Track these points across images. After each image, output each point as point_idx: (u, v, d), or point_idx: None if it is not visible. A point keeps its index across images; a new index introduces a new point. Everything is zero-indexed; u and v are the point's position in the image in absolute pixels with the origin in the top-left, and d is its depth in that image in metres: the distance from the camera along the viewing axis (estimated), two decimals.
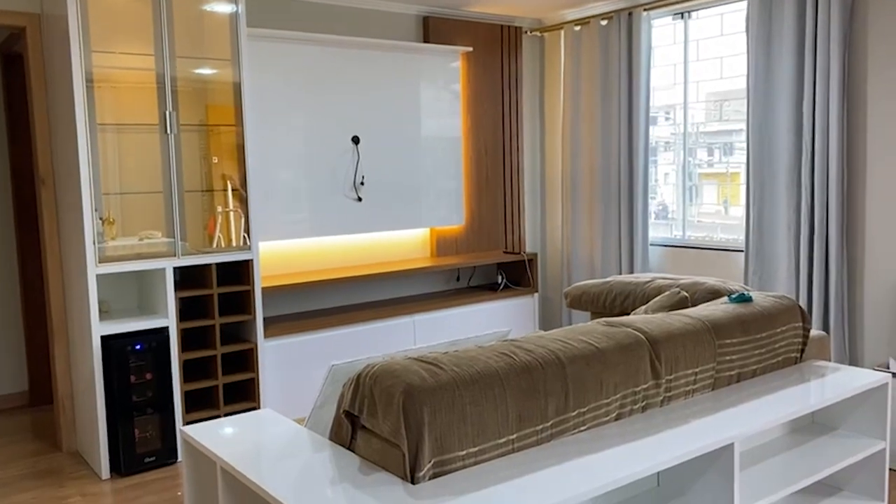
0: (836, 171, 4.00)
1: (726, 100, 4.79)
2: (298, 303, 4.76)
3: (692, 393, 2.50)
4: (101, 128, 3.58)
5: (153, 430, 3.69)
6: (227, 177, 3.97)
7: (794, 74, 4.18)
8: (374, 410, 1.93)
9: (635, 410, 2.33)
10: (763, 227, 4.37)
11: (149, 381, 3.67)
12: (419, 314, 4.84)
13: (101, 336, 3.58)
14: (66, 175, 3.69)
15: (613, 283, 3.61)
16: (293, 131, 4.55)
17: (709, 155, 4.92)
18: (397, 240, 5.21)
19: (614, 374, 2.24)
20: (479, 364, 2.02)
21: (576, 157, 5.47)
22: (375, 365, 2.00)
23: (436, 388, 1.89)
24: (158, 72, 3.67)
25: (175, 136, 3.73)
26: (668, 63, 5.08)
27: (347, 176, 4.80)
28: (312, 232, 4.67)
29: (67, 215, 3.75)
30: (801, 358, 2.92)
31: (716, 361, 2.55)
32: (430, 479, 1.86)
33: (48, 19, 3.72)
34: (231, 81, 3.92)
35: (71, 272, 3.80)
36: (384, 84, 4.91)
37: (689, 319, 2.57)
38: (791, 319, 2.83)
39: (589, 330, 2.38)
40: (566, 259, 5.60)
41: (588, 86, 5.34)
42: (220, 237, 3.94)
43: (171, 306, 3.74)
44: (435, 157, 5.21)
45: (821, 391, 2.56)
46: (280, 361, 4.27)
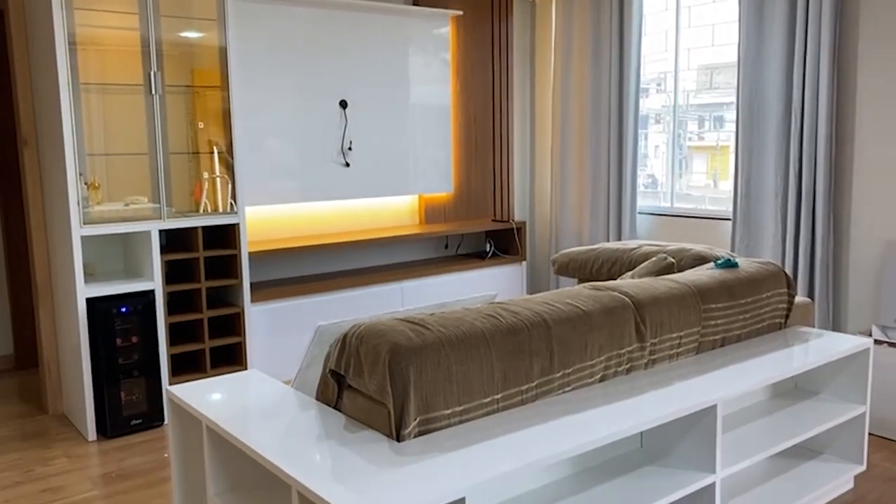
0: (825, 139, 4.00)
1: (717, 69, 4.77)
2: (286, 269, 4.74)
3: (676, 356, 2.52)
4: (85, 87, 3.52)
5: (139, 392, 3.69)
6: (213, 142, 3.93)
7: (785, 41, 4.15)
8: (360, 369, 1.94)
9: (620, 372, 2.34)
10: (751, 196, 4.37)
11: (135, 344, 3.65)
12: (407, 281, 4.84)
13: (86, 298, 3.55)
14: (50, 136, 3.64)
15: (601, 250, 3.61)
16: (280, 94, 4.50)
17: (699, 127, 4.90)
18: (385, 206, 5.19)
19: (599, 336, 2.25)
20: (464, 325, 2.02)
21: (566, 126, 5.44)
22: (362, 325, 2.00)
23: (422, 347, 1.89)
24: (143, 31, 3.61)
25: (160, 96, 3.68)
26: (660, 30, 5.04)
27: (335, 141, 4.76)
28: (300, 197, 4.64)
29: (51, 176, 3.71)
30: (785, 323, 2.94)
31: (701, 326, 2.57)
32: (415, 437, 1.87)
33: None
34: (216, 43, 3.85)
35: (55, 234, 3.76)
36: (373, 48, 4.85)
37: (675, 284, 2.58)
38: (776, 285, 2.85)
39: (575, 293, 2.38)
40: (554, 227, 5.60)
41: (579, 53, 5.30)
42: (207, 203, 3.90)
43: (157, 269, 3.71)
44: (424, 123, 5.17)
45: (803, 356, 2.59)
46: (267, 326, 4.26)
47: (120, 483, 3.11)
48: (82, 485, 3.10)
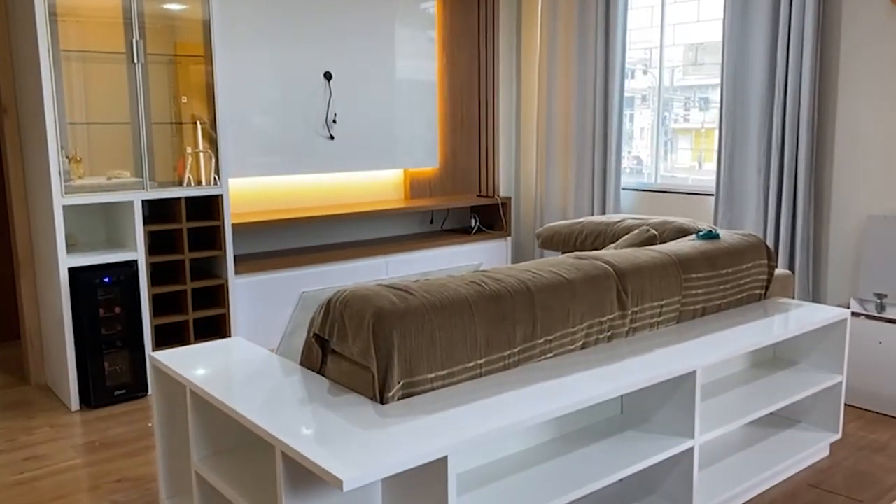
0: (807, 113, 4.03)
1: (702, 45, 4.77)
2: (270, 242, 4.73)
3: (657, 325, 2.55)
4: (66, 55, 3.47)
5: (123, 363, 3.68)
6: (196, 116, 3.90)
7: (769, 17, 4.16)
8: (344, 334, 1.95)
9: (601, 340, 2.37)
10: (734, 171, 4.40)
11: (118, 315, 3.64)
12: (392, 255, 4.84)
13: (68, 269, 3.53)
14: (30, 104, 3.59)
15: (585, 223, 3.63)
16: (264, 66, 4.46)
17: (685, 109, 4.92)
18: (371, 181, 5.18)
19: (581, 303, 2.27)
20: (448, 291, 2.04)
21: (552, 102, 5.44)
22: (346, 290, 2.01)
23: (405, 312, 1.90)
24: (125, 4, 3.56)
25: (142, 65, 3.64)
26: (646, 4, 5.03)
27: (320, 113, 4.73)
28: (284, 170, 4.62)
29: (32, 146, 3.67)
30: (765, 295, 2.98)
31: (681, 295, 2.59)
32: (398, 399, 1.89)
33: None
34: (200, 15, 3.81)
35: (36, 204, 3.73)
36: (358, 20, 4.81)
37: (657, 254, 2.61)
38: (757, 256, 2.88)
39: (558, 262, 2.40)
40: (539, 203, 5.61)
41: (565, 29, 5.29)
42: (191, 177, 3.88)
43: (140, 240, 3.70)
44: (409, 97, 5.15)
45: (782, 325, 2.63)
46: (251, 298, 4.26)
47: (104, 452, 3.12)
48: (66, 453, 3.11)
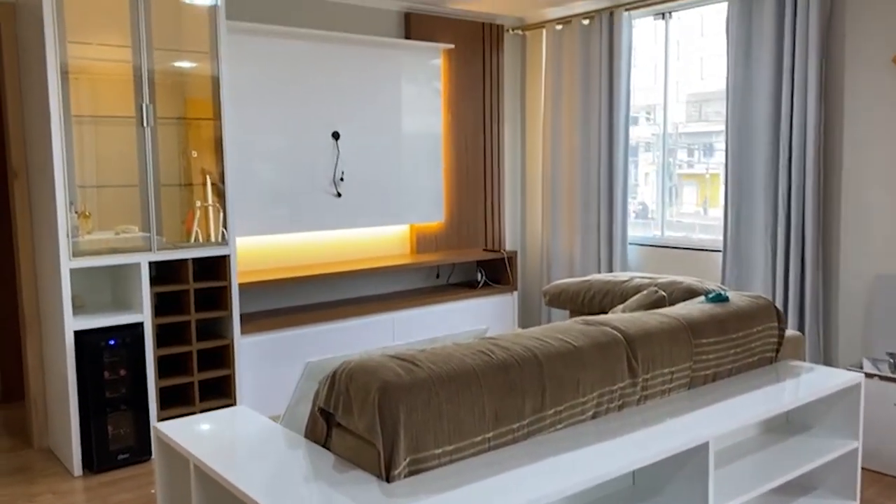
0: (813, 172, 4.03)
1: (706, 100, 4.82)
2: (276, 299, 4.72)
3: (668, 392, 2.51)
4: (77, 119, 3.52)
5: (127, 426, 3.64)
6: (205, 171, 3.93)
7: (772, 75, 4.21)
8: (349, 408, 1.92)
9: (612, 409, 2.33)
10: (741, 228, 4.40)
11: (123, 378, 3.62)
12: (398, 311, 4.82)
13: (74, 331, 3.52)
14: (40, 167, 3.63)
15: (592, 282, 3.61)
16: (273, 125, 4.51)
17: (689, 156, 4.95)
18: (377, 236, 5.19)
19: (591, 372, 2.24)
20: (455, 361, 2.01)
21: (556, 156, 5.47)
22: (351, 362, 1.99)
23: (412, 385, 1.88)
24: (135, 63, 3.62)
25: (151, 128, 3.68)
26: (649, 62, 5.09)
27: (327, 171, 4.77)
28: (291, 227, 4.64)
29: (41, 208, 3.69)
30: (776, 357, 2.94)
31: (692, 360, 2.56)
32: (405, 477, 1.85)
33: (23, 8, 3.65)
34: (209, 74, 3.87)
35: (44, 266, 3.74)
36: (365, 79, 4.88)
37: (666, 318, 2.58)
38: (767, 319, 2.85)
39: (566, 328, 2.37)
40: (546, 257, 5.60)
41: (569, 84, 5.35)
42: (199, 231, 3.89)
43: (147, 302, 3.69)
44: (415, 153, 5.19)
45: (795, 391, 2.58)
46: (257, 358, 4.23)
47: None
48: None
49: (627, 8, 4.93)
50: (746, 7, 4.29)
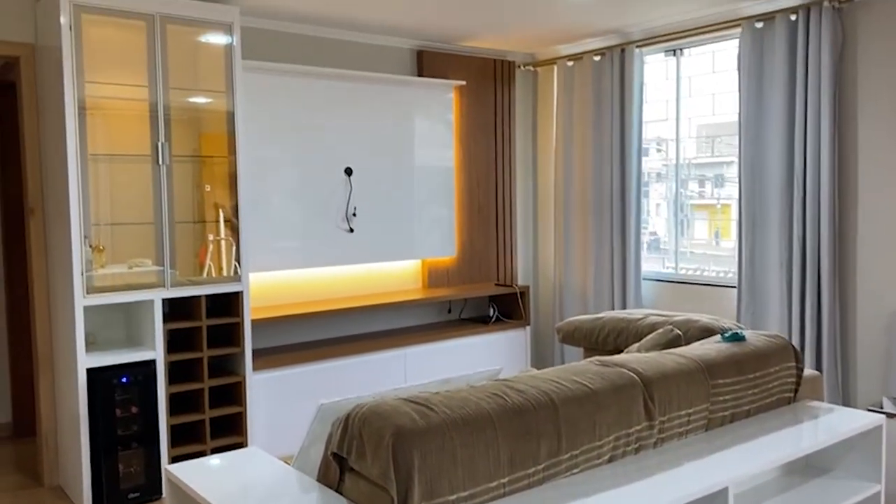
0: (828, 208, 4.01)
1: (718, 136, 4.82)
2: (288, 334, 4.71)
3: (686, 434, 2.47)
4: (93, 158, 3.56)
5: (138, 464, 3.62)
6: (218, 205, 3.95)
7: (785, 111, 4.21)
8: (362, 452, 1.90)
9: (628, 452, 2.29)
10: (755, 264, 4.37)
11: (134, 415, 3.61)
12: (410, 347, 4.80)
13: (86, 368, 3.52)
14: (56, 205, 3.66)
15: (606, 319, 3.59)
16: (287, 162, 4.55)
17: (700, 186, 4.94)
18: (389, 271, 5.19)
19: (608, 415, 2.21)
20: (470, 405, 1.99)
21: (568, 191, 5.48)
22: (365, 405, 1.97)
23: (426, 430, 1.85)
24: (152, 102, 3.67)
25: (167, 167, 3.72)
26: (661, 98, 5.11)
27: (340, 207, 4.78)
28: (304, 263, 4.64)
29: (56, 246, 3.72)
30: (794, 398, 2.90)
31: (709, 402, 2.52)
32: None
33: (42, 50, 3.71)
34: (225, 112, 3.91)
35: (58, 303, 3.75)
36: (378, 116, 4.92)
37: (683, 359, 2.55)
38: (784, 359, 2.82)
39: (582, 370, 2.35)
40: (558, 292, 5.58)
41: (580, 120, 5.37)
42: (212, 265, 3.90)
43: (159, 338, 3.69)
44: (427, 188, 5.21)
45: (815, 433, 2.54)
46: (268, 394, 4.21)
47: None
48: None
49: (638, 45, 4.96)
50: (758, 44, 4.31)
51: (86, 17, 3.47)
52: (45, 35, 3.65)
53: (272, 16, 4.45)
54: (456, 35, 5.07)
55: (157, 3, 3.64)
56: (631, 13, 4.57)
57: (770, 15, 4.23)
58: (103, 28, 3.54)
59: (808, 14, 4.07)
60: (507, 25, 4.84)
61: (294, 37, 4.70)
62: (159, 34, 3.65)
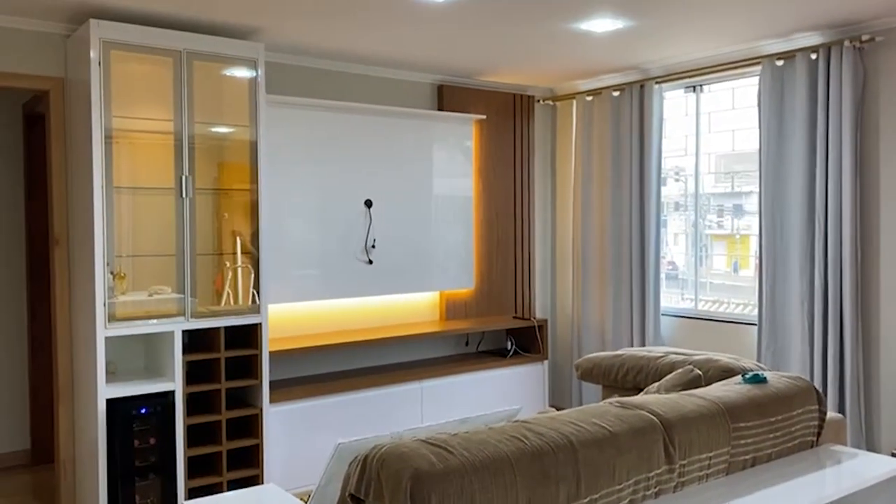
0: (850, 246, 3.98)
1: (737, 171, 4.81)
2: (305, 366, 4.72)
3: (706, 478, 2.44)
4: (118, 190, 3.61)
5: (154, 495, 3.62)
6: (236, 232, 3.99)
7: (806, 149, 4.20)
8: (380, 494, 1.89)
9: (648, 496, 2.27)
10: (776, 302, 4.33)
11: (152, 446, 3.62)
12: (427, 380, 4.79)
13: (106, 399, 3.54)
14: (81, 236, 3.72)
15: (625, 357, 3.56)
16: (307, 194, 4.59)
17: (719, 217, 4.93)
18: (407, 303, 5.20)
19: (627, 458, 2.19)
20: (489, 448, 1.98)
21: (587, 224, 5.48)
22: (383, 446, 1.96)
23: (445, 473, 1.85)
24: (177, 135, 3.73)
25: (190, 199, 3.76)
26: (680, 134, 5.12)
27: (359, 239, 4.81)
28: (322, 294, 4.66)
29: (79, 276, 3.76)
30: (817, 441, 2.85)
31: (730, 445, 2.49)
32: None
33: (71, 83, 3.79)
34: (248, 145, 3.97)
35: (80, 333, 3.79)
36: (398, 150, 4.96)
37: (704, 402, 2.53)
38: (807, 402, 2.78)
39: (602, 412, 2.33)
40: (576, 326, 5.55)
41: (599, 154, 5.38)
42: (230, 293, 3.93)
43: (178, 370, 3.71)
44: (447, 221, 5.23)
45: (838, 479, 2.50)
46: (285, 427, 4.21)
47: None
48: None
49: (658, 81, 4.98)
50: (778, 82, 4.31)
51: (115, 52, 3.55)
52: (75, 69, 3.73)
53: (296, 51, 4.52)
54: (476, 70, 5.12)
55: (185, 39, 3.71)
56: (650, 50, 4.60)
57: (790, 53, 4.24)
58: (131, 63, 3.61)
59: (828, 53, 4.07)
60: (527, 61, 4.88)
61: (317, 72, 4.77)
62: (185, 69, 3.72)
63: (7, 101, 4.84)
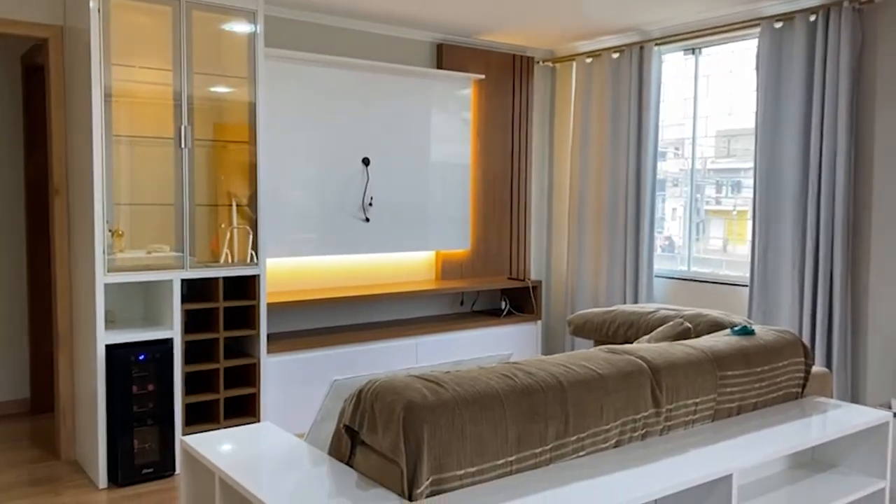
0: (842, 208, 4.02)
1: (735, 136, 4.83)
2: (302, 320, 4.77)
3: (692, 423, 2.50)
4: (117, 139, 3.63)
5: (152, 441, 3.69)
6: (231, 194, 4.02)
7: (802, 112, 4.22)
8: (374, 426, 1.94)
9: (635, 438, 2.33)
10: (768, 263, 4.38)
11: (151, 393, 3.68)
12: (422, 336, 4.85)
13: (105, 345, 3.60)
14: (80, 185, 3.74)
15: (617, 313, 3.62)
16: (305, 150, 4.61)
17: (717, 192, 4.95)
18: (403, 261, 5.24)
19: (615, 400, 2.25)
20: (480, 384, 2.03)
21: (583, 188, 5.50)
22: (377, 381, 2.02)
23: (436, 405, 1.90)
24: (176, 87, 3.73)
25: (189, 150, 3.78)
26: (678, 98, 5.13)
27: (357, 196, 4.84)
28: (320, 250, 4.70)
29: (79, 225, 3.80)
30: (802, 393, 2.92)
31: (717, 393, 2.55)
32: (426, 497, 1.87)
33: (70, 32, 3.79)
34: (246, 99, 3.97)
35: (79, 281, 3.83)
36: (397, 108, 4.97)
37: (692, 350, 2.58)
38: (793, 354, 2.84)
39: (591, 356, 2.39)
40: (570, 287, 5.61)
41: (598, 117, 5.39)
42: (228, 253, 3.96)
43: (177, 318, 3.76)
44: (443, 181, 5.25)
45: (821, 427, 2.56)
46: (281, 377, 4.27)
47: None
48: None
49: (658, 43, 4.98)
50: (776, 44, 4.31)
51: (114, 1, 3.54)
52: (74, 17, 3.72)
53: (296, 5, 4.51)
54: (476, 29, 5.11)
55: None
56: (650, 11, 4.59)
57: (789, 15, 4.24)
58: (130, 13, 3.61)
59: (827, 14, 4.07)
60: (527, 20, 4.87)
61: (316, 27, 4.75)
62: (185, 19, 3.72)
63: (6, 51, 4.83)
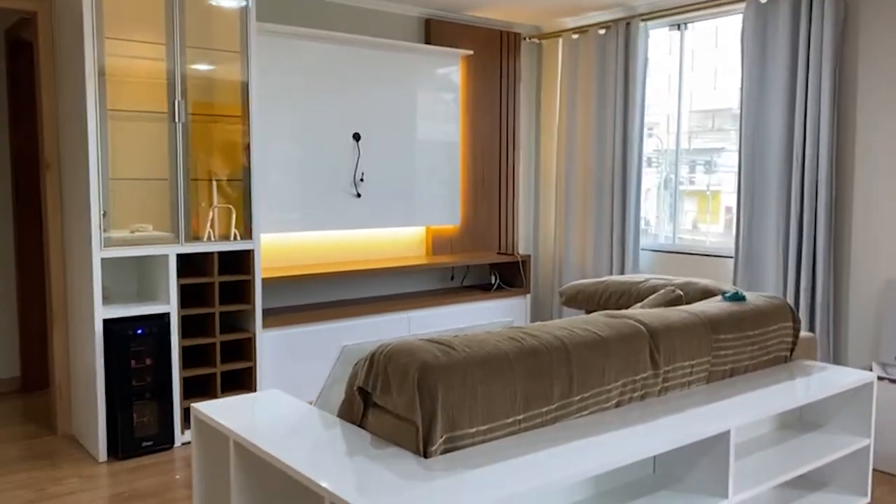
0: (825, 180, 4.12)
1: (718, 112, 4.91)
2: (296, 295, 4.81)
3: (688, 384, 2.59)
4: (110, 114, 3.62)
5: (151, 415, 3.72)
6: (212, 172, 4.02)
7: (786, 85, 4.30)
8: (387, 387, 2.00)
9: (634, 398, 2.41)
10: (752, 233, 4.48)
11: (148, 367, 3.70)
12: (414, 311, 4.91)
13: (103, 320, 3.61)
14: (73, 160, 3.73)
15: (608, 282, 3.70)
16: (296, 125, 4.61)
17: (690, 172, 5.04)
18: (394, 237, 5.28)
19: (616, 361, 2.32)
20: (489, 346, 2.09)
21: (570, 163, 5.57)
22: (389, 344, 2.07)
23: (449, 366, 1.96)
24: (169, 61, 3.72)
25: (183, 124, 3.78)
26: (664, 73, 5.19)
27: (347, 172, 4.86)
28: (311, 226, 4.73)
29: (71, 199, 3.79)
30: (790, 357, 3.02)
31: (711, 355, 2.64)
32: (440, 454, 1.93)
33: (60, 4, 3.76)
34: (238, 74, 3.97)
35: (73, 256, 3.83)
36: (386, 83, 4.99)
37: (687, 314, 2.66)
38: (782, 319, 2.94)
39: (591, 320, 2.46)
40: (558, 262, 5.69)
41: (584, 93, 5.45)
42: (211, 232, 3.95)
43: (173, 292, 3.78)
44: (433, 157, 5.29)
45: (809, 388, 2.66)
46: (277, 352, 4.31)
47: (134, 503, 3.14)
48: None
49: (644, 18, 5.03)
50: (761, 18, 4.39)
51: None
52: None
53: None
54: (463, 4, 5.12)
55: None
56: None
57: None
58: None
59: None
60: None
61: (305, 1, 4.74)
62: None
63: None
